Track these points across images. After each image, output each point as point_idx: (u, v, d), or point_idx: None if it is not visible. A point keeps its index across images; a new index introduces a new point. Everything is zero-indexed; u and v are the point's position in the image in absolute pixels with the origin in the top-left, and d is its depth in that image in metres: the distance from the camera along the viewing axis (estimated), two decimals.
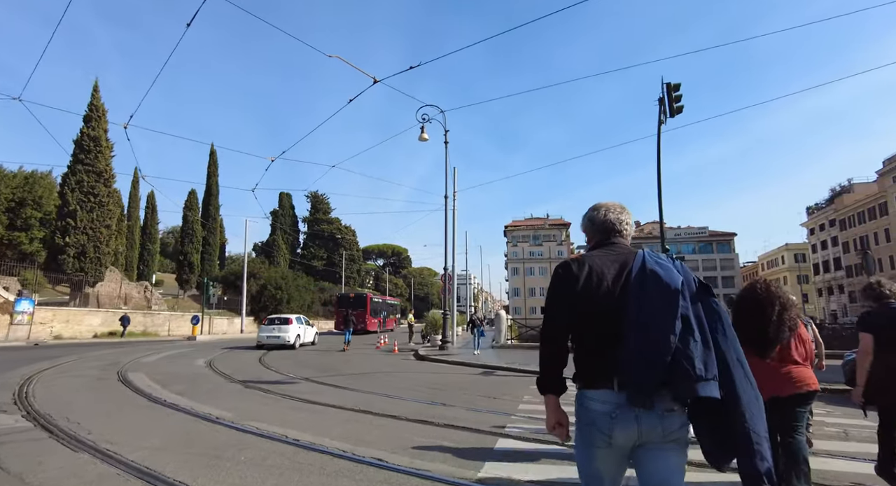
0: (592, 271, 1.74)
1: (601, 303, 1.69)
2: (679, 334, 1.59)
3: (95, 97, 32.48)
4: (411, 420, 5.85)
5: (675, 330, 1.60)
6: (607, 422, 1.65)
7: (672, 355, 1.57)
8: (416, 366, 13.40)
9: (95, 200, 31.52)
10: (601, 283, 1.71)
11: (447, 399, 7.59)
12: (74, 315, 27.06)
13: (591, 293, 1.71)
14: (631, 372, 1.59)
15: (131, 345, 20.66)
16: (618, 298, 1.68)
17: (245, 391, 8.16)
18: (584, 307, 1.71)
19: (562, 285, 1.78)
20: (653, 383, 1.57)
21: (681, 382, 1.57)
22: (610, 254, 1.82)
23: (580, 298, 1.72)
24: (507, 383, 9.92)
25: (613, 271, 1.74)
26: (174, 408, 6.33)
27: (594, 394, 1.70)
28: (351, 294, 42.33)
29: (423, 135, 17.93)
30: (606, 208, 1.99)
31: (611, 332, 1.66)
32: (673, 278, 1.66)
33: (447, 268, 18.78)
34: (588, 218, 2.03)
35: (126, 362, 12.42)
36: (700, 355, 1.59)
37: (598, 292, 1.70)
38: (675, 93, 9.72)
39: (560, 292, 1.78)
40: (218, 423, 5.50)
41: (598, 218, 1.98)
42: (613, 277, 1.72)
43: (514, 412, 6.57)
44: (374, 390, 8.50)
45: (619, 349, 1.62)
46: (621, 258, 1.78)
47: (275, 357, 15.29)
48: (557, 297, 1.80)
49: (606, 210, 1.98)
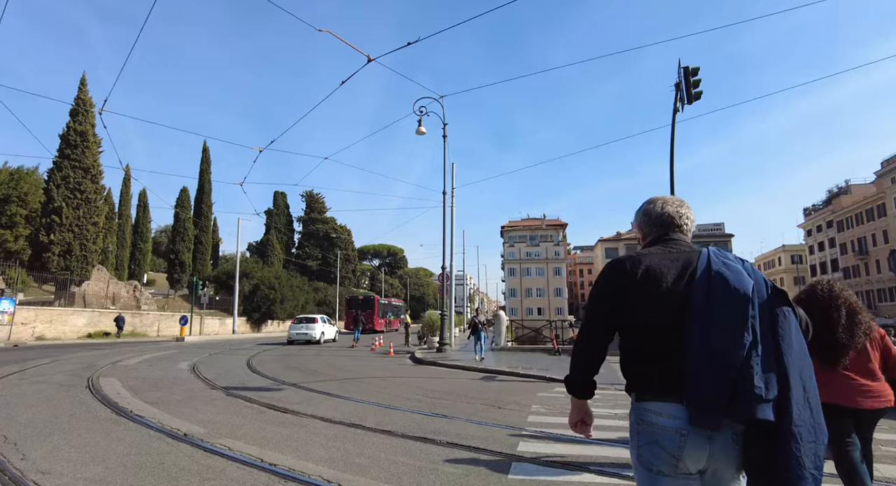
0: (650, 270, 1.59)
1: (660, 306, 1.55)
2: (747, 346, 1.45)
3: (82, 91, 31.60)
4: (409, 437, 5.13)
5: (743, 342, 1.44)
6: (675, 440, 1.48)
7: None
8: (412, 370, 12.66)
9: (82, 196, 30.64)
10: (659, 284, 1.57)
11: (448, 410, 6.87)
12: (58, 315, 26.13)
13: (649, 295, 1.56)
14: (696, 387, 1.44)
15: (116, 346, 19.80)
16: (680, 301, 1.53)
17: (225, 400, 7.40)
18: (641, 310, 1.57)
19: (612, 284, 1.64)
20: (718, 402, 1.41)
21: (740, 400, 1.42)
22: (669, 252, 1.66)
23: (636, 299, 1.58)
24: (512, 390, 9.22)
25: (674, 270, 1.58)
26: (139, 422, 5.57)
27: (658, 407, 1.53)
28: (360, 297, 44.96)
29: (420, 128, 17.23)
30: (664, 201, 1.82)
31: (671, 338, 1.52)
32: (743, 282, 1.51)
33: (445, 266, 18.06)
34: (643, 212, 1.86)
35: (102, 365, 11.61)
36: (761, 371, 1.44)
37: (656, 293, 1.56)
38: (694, 77, 9.05)
39: (609, 291, 1.64)
40: (184, 441, 4.75)
41: (655, 211, 1.81)
42: (674, 277, 1.57)
43: (525, 427, 5.85)
44: (367, 398, 7.77)
45: (682, 359, 1.48)
46: (683, 257, 1.62)
47: (265, 359, 14.51)
48: (604, 296, 1.65)
49: (664, 203, 1.81)
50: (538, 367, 12.86)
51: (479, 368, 12.61)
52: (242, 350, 18.79)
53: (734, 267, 1.54)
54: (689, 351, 1.47)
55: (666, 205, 1.80)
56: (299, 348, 20.50)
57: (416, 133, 17.26)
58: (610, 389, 9.85)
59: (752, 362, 1.43)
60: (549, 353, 17.29)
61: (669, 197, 1.85)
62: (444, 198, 17.79)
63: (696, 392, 1.43)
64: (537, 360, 15.14)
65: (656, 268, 1.59)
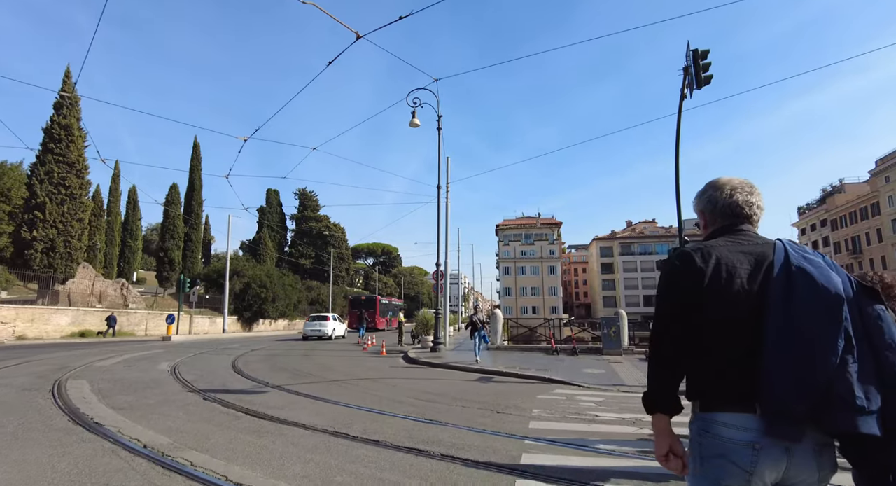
0: (721, 264, 1.43)
1: (733, 305, 1.39)
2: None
3: (67, 84, 30.61)
4: (399, 448, 4.58)
5: (837, 347, 1.29)
6: (748, 455, 1.33)
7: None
8: (405, 371, 12.11)
9: (66, 192, 29.75)
10: (732, 280, 1.40)
11: (442, 415, 6.33)
12: (41, 314, 25.31)
13: (722, 292, 1.40)
14: (775, 396, 1.29)
15: (98, 346, 19.09)
16: (754, 300, 1.38)
17: (201, 405, 6.82)
18: (713, 310, 1.40)
19: (682, 281, 1.45)
20: (804, 412, 1.28)
21: (836, 412, 1.28)
22: (739, 244, 1.50)
23: (707, 297, 1.40)
24: (510, 392, 8.69)
25: (747, 265, 1.43)
26: (96, 431, 4.97)
27: (727, 418, 1.37)
28: (362, 297, 47.69)
29: (414, 120, 16.66)
30: (732, 187, 1.62)
31: (745, 342, 1.37)
32: (831, 279, 1.36)
33: (440, 263, 17.50)
34: (708, 198, 1.67)
35: (76, 366, 10.96)
36: (860, 379, 1.29)
37: (729, 291, 1.40)
38: (703, 60, 8.53)
39: (680, 289, 1.45)
40: (142, 455, 4.17)
41: (723, 199, 1.62)
42: (747, 272, 1.42)
43: (527, 434, 5.32)
44: (355, 401, 7.21)
45: (759, 364, 1.33)
46: (756, 250, 1.46)
47: (252, 359, 13.89)
48: (676, 295, 1.46)
49: (732, 190, 1.62)
50: (536, 367, 12.35)
51: (474, 368, 12.08)
52: (230, 350, 18.14)
53: (816, 262, 1.41)
54: (767, 355, 1.32)
55: (735, 192, 1.60)
56: (288, 348, 19.88)
57: (409, 125, 16.69)
58: (611, 390, 9.34)
59: (848, 370, 1.29)
60: (547, 352, 16.80)
61: (738, 181, 1.63)
62: (440, 192, 17.24)
63: (776, 400, 1.30)
64: (535, 360, 14.64)
65: (728, 262, 1.43)
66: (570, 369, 12.34)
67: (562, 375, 10.94)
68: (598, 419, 6.42)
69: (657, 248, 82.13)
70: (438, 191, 17.15)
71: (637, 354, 16.27)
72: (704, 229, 1.68)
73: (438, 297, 18.18)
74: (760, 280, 1.40)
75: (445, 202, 18.15)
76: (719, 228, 1.61)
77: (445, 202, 18.15)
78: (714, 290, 1.40)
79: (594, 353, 16.79)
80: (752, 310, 1.37)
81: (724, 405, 1.38)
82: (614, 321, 16.63)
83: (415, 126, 16.67)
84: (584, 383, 9.99)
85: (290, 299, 47.34)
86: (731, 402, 1.37)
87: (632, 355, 16.03)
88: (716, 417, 1.39)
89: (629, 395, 8.86)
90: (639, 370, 12.24)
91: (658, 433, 1.48)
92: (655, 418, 1.49)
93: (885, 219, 53.97)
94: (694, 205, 1.74)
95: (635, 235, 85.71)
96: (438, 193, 17.13)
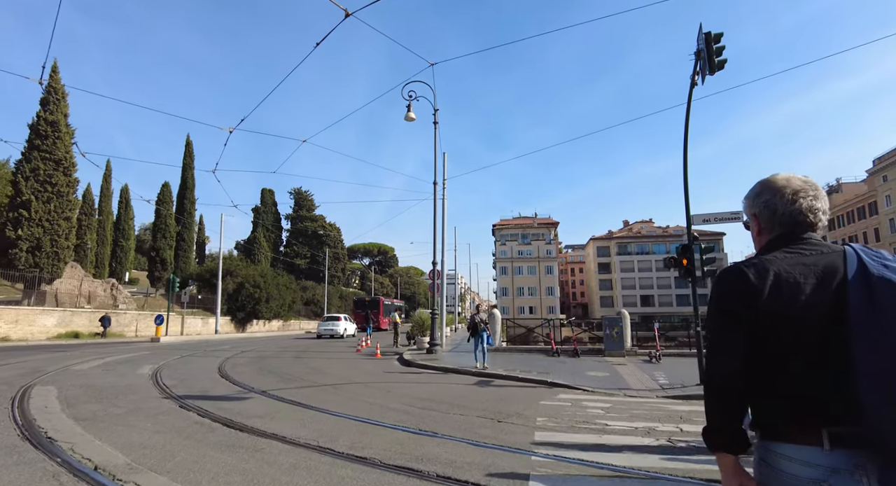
0: (781, 281, 1.26)
1: (798, 326, 1.23)
2: None
3: (54, 79, 29.91)
4: (389, 467, 4.02)
5: None
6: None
7: None
8: (399, 375, 11.53)
9: (53, 189, 28.98)
10: (796, 298, 1.24)
11: (439, 425, 5.78)
12: (25, 315, 24.57)
13: (783, 313, 1.24)
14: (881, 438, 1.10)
15: (82, 348, 18.42)
16: (824, 317, 1.22)
17: (175, 414, 6.24)
18: (773, 332, 1.25)
19: (735, 302, 1.29)
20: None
21: None
22: (801, 255, 1.31)
23: (765, 319, 1.25)
24: (511, 398, 8.15)
25: (813, 278, 1.25)
26: (44, 449, 4.38)
27: (789, 450, 1.23)
28: (367, 298, 49.60)
29: (409, 114, 16.10)
30: (794, 191, 1.38)
31: (813, 365, 1.22)
32: None
33: (436, 262, 16.94)
34: (764, 203, 1.43)
35: (50, 371, 10.33)
36: None
37: (791, 310, 1.23)
38: (717, 44, 7.98)
39: (734, 312, 1.29)
40: (87, 480, 3.59)
41: (783, 205, 1.39)
42: (813, 286, 1.24)
43: (533, 449, 4.77)
44: (343, 409, 6.64)
45: (831, 389, 1.19)
46: (822, 261, 1.28)
47: (241, 362, 13.28)
48: (730, 319, 1.30)
49: (794, 194, 1.38)
50: (537, 370, 11.81)
51: (472, 371, 11.53)
52: (219, 351, 17.52)
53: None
54: (858, 377, 1.14)
55: (798, 196, 1.38)
56: (280, 349, 19.26)
57: (405, 119, 16.14)
58: (618, 394, 8.82)
59: None
60: (547, 354, 16.27)
61: (800, 182, 1.41)
62: (436, 188, 16.68)
63: (883, 445, 1.11)
64: (535, 361, 14.11)
65: (789, 277, 1.27)
66: (572, 371, 11.82)
67: (564, 378, 10.42)
68: (608, 428, 5.88)
69: (654, 247, 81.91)
70: (434, 187, 16.60)
71: (640, 355, 15.76)
72: (757, 236, 1.48)
73: (435, 297, 17.61)
74: (831, 296, 1.23)
75: (441, 199, 17.62)
76: (777, 237, 1.40)
77: (441, 199, 17.62)
78: (772, 310, 1.25)
79: (595, 354, 16.27)
80: (820, 330, 1.22)
81: (785, 436, 1.24)
82: (617, 322, 16.12)
83: (410, 120, 16.11)
84: (589, 387, 9.47)
85: (284, 300, 46.65)
86: (795, 431, 1.23)
87: (634, 357, 15.53)
88: (776, 448, 1.26)
89: (637, 400, 8.34)
90: (643, 373, 11.73)
91: (725, 472, 1.31)
92: (721, 457, 1.31)
93: (882, 218, 53.87)
94: (745, 206, 1.53)
95: (632, 234, 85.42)
96: (434, 189, 16.59)
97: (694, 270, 9.97)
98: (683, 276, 10.14)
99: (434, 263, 16.93)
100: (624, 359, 14.91)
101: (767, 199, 1.42)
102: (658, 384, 10.06)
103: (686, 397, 8.55)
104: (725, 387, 1.30)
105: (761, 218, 1.45)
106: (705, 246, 10.14)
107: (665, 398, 8.59)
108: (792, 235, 1.38)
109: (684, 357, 15.34)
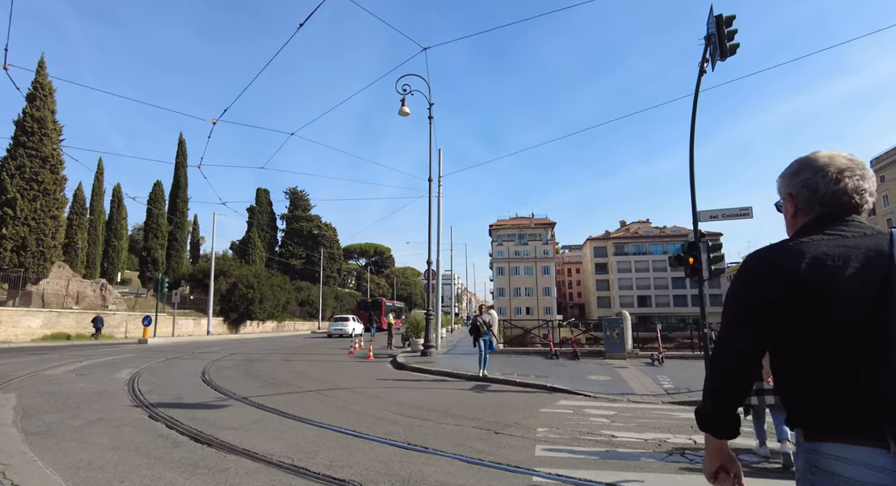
0: (819, 263, 1.15)
1: (843, 312, 1.11)
2: None
3: (41, 74, 29.20)
4: None
5: None
6: None
7: None
8: (391, 380, 10.97)
9: (40, 187, 28.27)
10: (836, 283, 1.12)
11: (430, 437, 5.24)
12: (9, 316, 23.90)
13: (821, 300, 1.13)
14: None
15: (63, 350, 17.78)
16: (871, 304, 1.10)
17: (140, 425, 5.67)
18: (814, 319, 1.14)
19: (758, 289, 1.19)
20: None
21: None
22: (842, 237, 1.19)
23: (801, 305, 1.15)
24: (509, 404, 7.61)
25: (857, 262, 1.13)
26: None
27: (845, 451, 1.10)
28: (369, 299, 52.21)
29: (403, 108, 15.58)
30: (839, 169, 1.26)
31: (862, 356, 1.10)
32: None
33: (431, 261, 16.40)
34: (803, 182, 1.31)
35: (19, 375, 9.73)
36: None
37: (830, 296, 1.12)
38: (728, 28, 7.49)
39: (754, 297, 1.20)
40: None
41: (825, 184, 1.26)
42: (857, 270, 1.12)
43: (534, 466, 4.24)
44: (327, 419, 6.09)
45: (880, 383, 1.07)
46: (864, 243, 1.16)
47: (227, 365, 12.69)
48: (748, 305, 1.21)
49: (839, 172, 1.26)
50: (535, 373, 11.29)
51: (468, 375, 10.98)
52: (207, 354, 16.92)
53: None
54: None
55: (843, 175, 1.24)
56: (269, 351, 18.68)
57: (399, 114, 15.61)
58: (622, 400, 8.30)
59: None
60: (546, 356, 15.75)
61: (845, 160, 1.26)
62: (431, 185, 16.15)
63: None
64: (533, 364, 13.59)
65: (828, 260, 1.14)
66: (572, 375, 11.30)
67: (564, 382, 9.89)
68: (615, 440, 5.36)
69: (651, 248, 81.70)
70: (430, 184, 16.08)
71: (641, 357, 15.26)
72: (792, 219, 1.35)
73: (430, 297, 17.06)
74: (880, 278, 1.10)
75: (437, 196, 17.07)
76: (816, 219, 1.28)
77: (437, 196, 17.07)
78: (808, 298, 1.14)
79: (595, 356, 15.75)
80: (861, 317, 1.10)
81: (838, 436, 1.12)
82: (617, 323, 15.61)
83: (404, 114, 15.59)
84: (591, 392, 8.95)
85: (278, 300, 46.00)
86: (849, 432, 1.11)
87: (636, 359, 15.02)
88: (826, 449, 1.13)
89: (643, 407, 7.83)
90: (647, 377, 11.22)
91: (712, 449, 1.29)
92: (707, 436, 1.29)
93: (880, 219, 53.84)
94: (780, 186, 1.40)
95: (629, 235, 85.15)
96: (430, 186, 16.06)
97: (701, 269, 9.47)
98: (690, 275, 9.64)
99: (429, 262, 16.39)
100: (625, 361, 14.40)
101: (807, 178, 1.30)
102: (663, 389, 9.55)
103: (694, 403, 8.01)
104: (732, 379, 1.25)
105: (798, 198, 1.33)
106: (713, 244, 9.63)
107: (672, 405, 8.08)
108: (833, 215, 1.27)
109: (687, 359, 14.86)
